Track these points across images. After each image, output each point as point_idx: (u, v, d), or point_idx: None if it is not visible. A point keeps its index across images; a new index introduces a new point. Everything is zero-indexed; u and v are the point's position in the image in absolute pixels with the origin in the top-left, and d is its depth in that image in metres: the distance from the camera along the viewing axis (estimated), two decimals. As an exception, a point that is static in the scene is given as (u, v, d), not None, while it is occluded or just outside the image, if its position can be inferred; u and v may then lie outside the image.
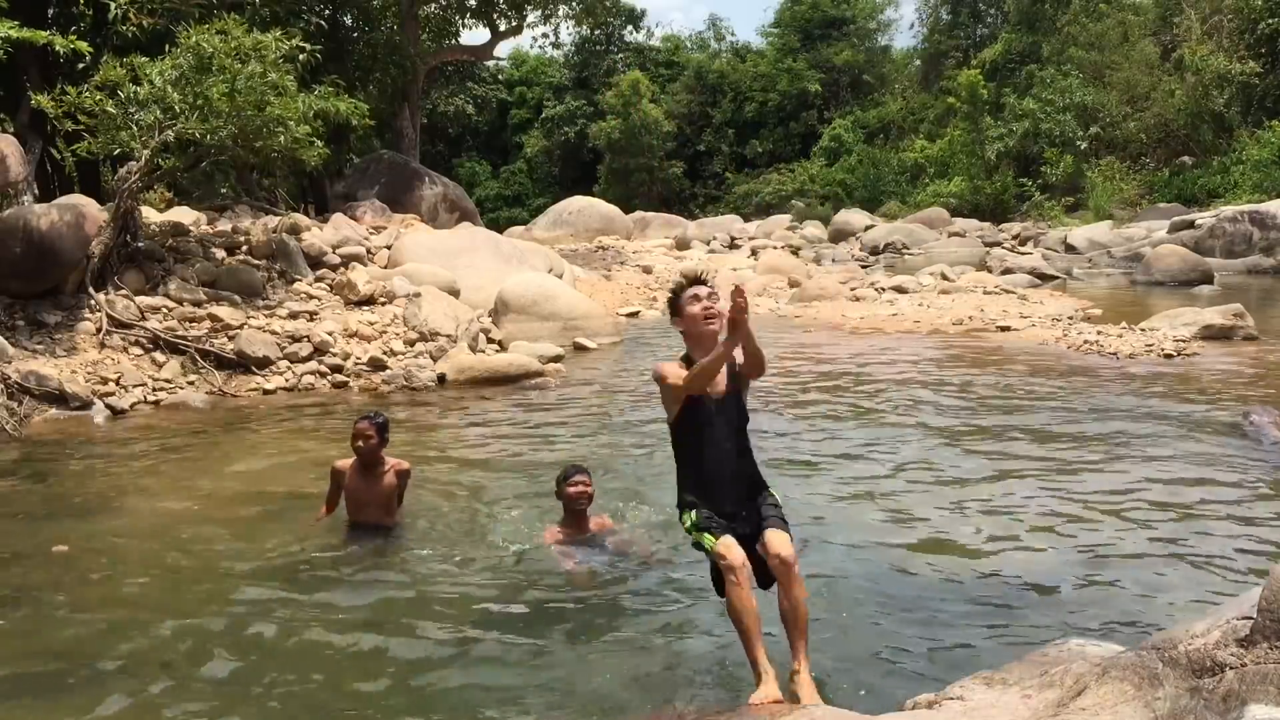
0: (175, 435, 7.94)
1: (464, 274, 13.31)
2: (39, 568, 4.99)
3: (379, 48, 23.37)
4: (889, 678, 3.71)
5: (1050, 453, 6.82)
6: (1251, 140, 26.65)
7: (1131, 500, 5.75)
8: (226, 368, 9.81)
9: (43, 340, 9.54)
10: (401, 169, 20.94)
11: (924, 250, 25.29)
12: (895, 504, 5.79)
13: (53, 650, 4.06)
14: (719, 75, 46.58)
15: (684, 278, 3.74)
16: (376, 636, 4.13)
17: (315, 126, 12.02)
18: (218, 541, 5.36)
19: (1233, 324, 11.45)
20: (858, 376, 9.90)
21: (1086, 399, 8.50)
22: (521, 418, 8.45)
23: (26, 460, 7.25)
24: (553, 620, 4.30)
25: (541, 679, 3.78)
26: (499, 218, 41.61)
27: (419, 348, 10.73)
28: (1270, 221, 19.89)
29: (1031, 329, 12.55)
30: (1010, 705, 2.65)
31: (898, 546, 5.10)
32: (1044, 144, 31.20)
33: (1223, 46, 28.86)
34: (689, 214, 39.00)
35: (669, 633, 4.18)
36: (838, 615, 4.28)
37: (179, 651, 4.02)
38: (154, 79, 10.71)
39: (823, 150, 41.50)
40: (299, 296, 11.60)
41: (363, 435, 5.27)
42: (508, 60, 50.54)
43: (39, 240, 9.80)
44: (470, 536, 5.40)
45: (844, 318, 14.18)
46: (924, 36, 44.94)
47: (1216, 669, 2.38)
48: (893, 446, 7.13)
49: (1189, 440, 7.05)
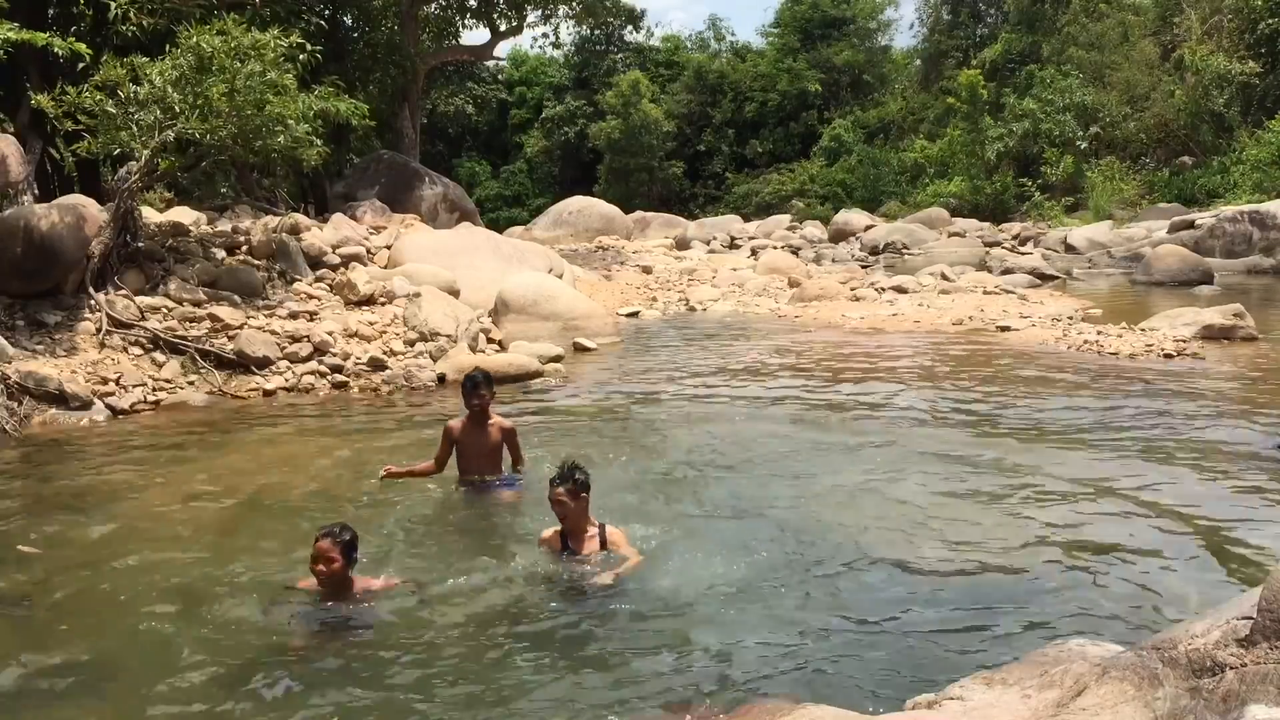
0: (175, 435, 7.94)
1: (464, 274, 13.31)
2: (39, 567, 4.99)
3: (379, 48, 23.38)
4: (889, 678, 3.71)
5: (1050, 452, 6.82)
6: (1251, 140, 26.63)
7: (1131, 500, 5.75)
8: (226, 368, 9.81)
9: (43, 340, 9.54)
10: (401, 169, 20.94)
11: (924, 250, 25.27)
12: (894, 504, 5.78)
13: (45, 651, 4.06)
14: (719, 75, 46.55)
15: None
16: (373, 637, 4.13)
17: (315, 126, 12.01)
18: (217, 542, 5.36)
19: (1233, 324, 11.44)
20: (857, 376, 9.89)
21: (1086, 399, 8.50)
22: (521, 418, 8.44)
23: (26, 460, 7.25)
24: (550, 624, 4.30)
25: (540, 682, 3.77)
26: (499, 218, 41.60)
27: (419, 348, 10.73)
28: (1270, 221, 19.88)
29: (1031, 329, 12.55)
30: (1010, 705, 2.65)
31: (897, 546, 5.10)
32: (1044, 144, 31.17)
33: (1223, 46, 28.84)
34: (689, 214, 38.98)
35: (666, 636, 4.17)
36: (838, 615, 4.28)
37: (178, 651, 4.02)
38: (154, 79, 10.71)
39: (823, 150, 41.47)
40: (299, 296, 11.60)
41: (323, 557, 4.27)
42: (508, 60, 50.53)
43: (39, 240, 9.80)
44: (469, 536, 5.40)
45: (844, 318, 14.18)
46: (924, 36, 44.89)
47: (1216, 669, 2.38)
48: (891, 446, 7.12)
49: (1189, 440, 7.04)
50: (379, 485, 6.08)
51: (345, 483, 6.48)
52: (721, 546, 5.16)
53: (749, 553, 5.07)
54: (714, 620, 4.27)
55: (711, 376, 10.08)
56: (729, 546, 5.16)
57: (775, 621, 4.23)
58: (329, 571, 4.26)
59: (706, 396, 9.14)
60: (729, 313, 15.66)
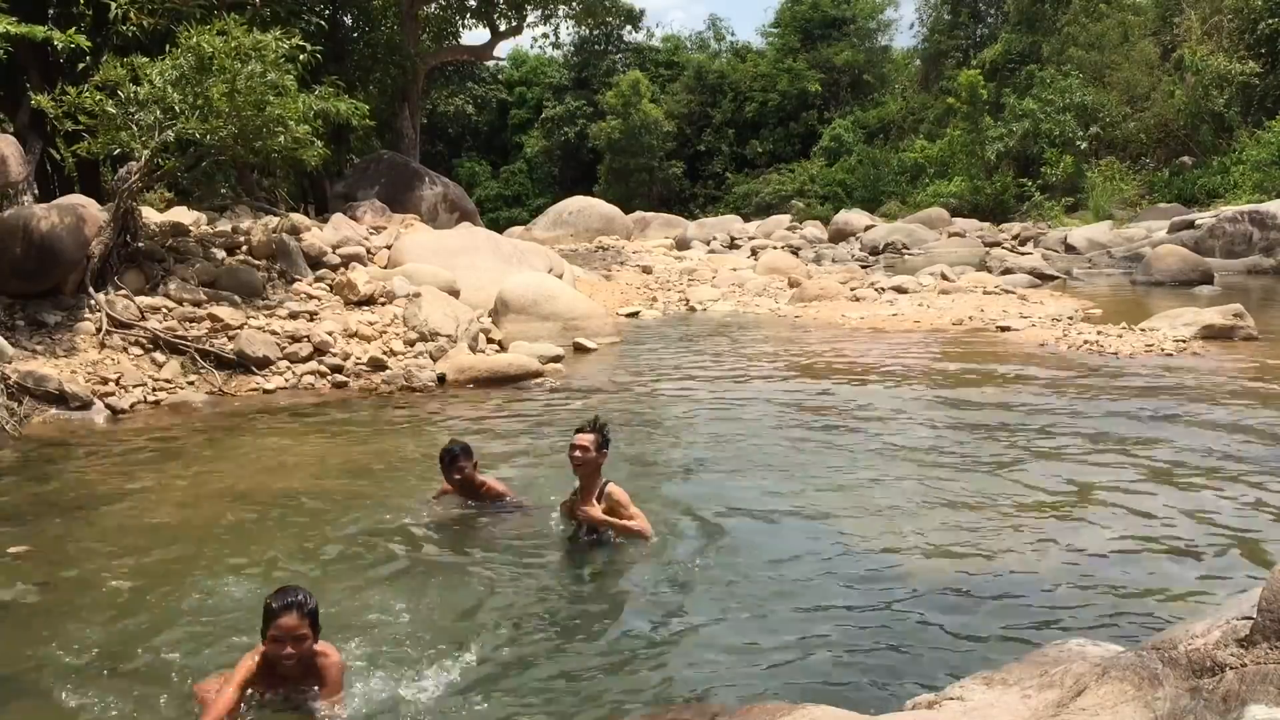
0: (175, 435, 7.94)
1: (464, 274, 13.31)
2: (35, 566, 4.99)
3: (379, 48, 23.40)
4: (889, 678, 3.71)
5: (1049, 452, 6.82)
6: (1251, 140, 26.64)
7: (1131, 500, 5.75)
8: (226, 368, 9.81)
9: (43, 340, 9.54)
10: (401, 169, 20.95)
11: (924, 250, 25.31)
12: (894, 503, 5.78)
13: (36, 651, 4.06)
14: (719, 75, 46.59)
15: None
16: (370, 637, 4.13)
17: (315, 126, 12.02)
18: (216, 542, 5.36)
19: (1233, 324, 11.44)
20: (858, 377, 9.89)
21: (1086, 399, 8.49)
22: (522, 418, 8.44)
23: (26, 460, 7.25)
24: (549, 625, 4.30)
25: (535, 682, 3.77)
26: (499, 218, 41.64)
27: (419, 348, 10.73)
28: (1270, 221, 19.88)
29: (1031, 329, 12.54)
30: (1010, 705, 2.65)
31: (897, 546, 5.10)
32: (1044, 144, 31.19)
33: (1223, 46, 28.86)
34: (689, 214, 39.02)
35: (665, 636, 4.17)
36: (839, 616, 4.28)
37: (172, 650, 4.02)
38: (154, 79, 10.71)
39: (823, 150, 41.50)
40: (299, 296, 11.61)
41: (290, 636, 3.39)
42: (508, 60, 50.61)
43: (39, 240, 9.80)
44: (467, 536, 5.40)
45: (844, 318, 14.18)
46: (924, 36, 44.94)
47: (1216, 669, 2.38)
48: (891, 446, 7.12)
49: (1189, 440, 7.04)
50: (378, 486, 6.07)
51: (345, 483, 6.47)
52: (721, 546, 5.17)
53: (748, 552, 5.07)
54: (714, 620, 4.27)
55: (711, 376, 10.08)
56: (729, 546, 5.17)
57: (775, 621, 4.23)
58: (299, 653, 3.40)
59: (706, 396, 9.14)
60: (729, 313, 15.66)
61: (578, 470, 5.03)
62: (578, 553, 5.03)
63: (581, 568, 4.91)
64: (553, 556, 5.08)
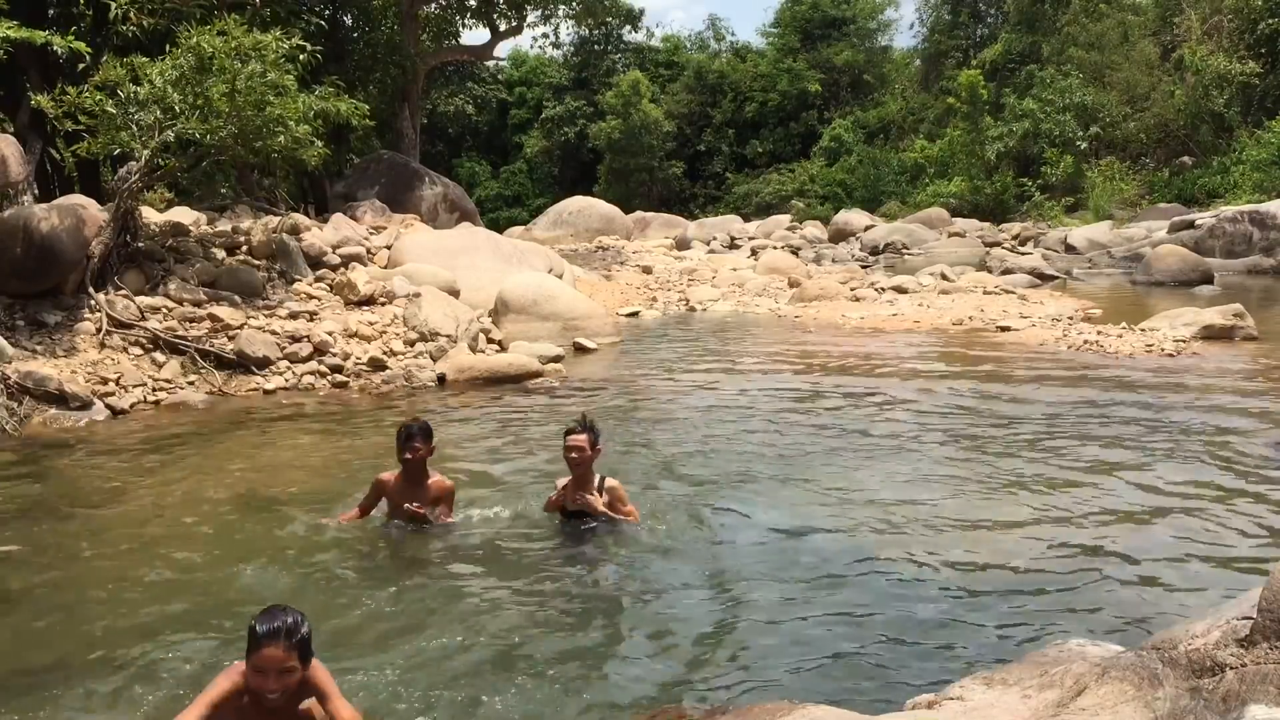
0: (175, 436, 7.94)
1: (464, 274, 13.31)
2: (35, 566, 4.99)
3: (379, 48, 23.40)
4: (889, 678, 3.71)
5: (1049, 452, 6.82)
6: (1251, 140, 26.64)
7: (1131, 500, 5.75)
8: (226, 368, 9.81)
9: (43, 340, 9.54)
10: (401, 169, 20.95)
11: (924, 250, 25.29)
12: (893, 503, 5.78)
13: (35, 651, 4.06)
14: (719, 75, 46.58)
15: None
16: (369, 638, 4.13)
17: (315, 126, 12.01)
18: (215, 542, 5.36)
19: (1233, 324, 11.44)
20: (857, 376, 9.89)
21: (1086, 399, 8.49)
22: (521, 418, 8.44)
23: (25, 460, 7.25)
24: (547, 625, 4.30)
25: (534, 682, 3.77)
26: (499, 218, 41.64)
27: (419, 348, 10.73)
28: (1270, 221, 19.88)
29: (1031, 329, 12.54)
30: (1010, 705, 2.65)
31: (897, 546, 5.10)
32: (1044, 144, 31.18)
33: (1223, 46, 28.86)
34: (689, 214, 39.01)
35: (664, 636, 4.17)
36: (839, 616, 4.28)
37: (172, 651, 4.02)
38: (154, 79, 10.71)
39: (823, 150, 41.49)
40: (299, 297, 11.60)
41: (276, 669, 2.93)
42: (508, 60, 50.59)
43: (39, 240, 9.80)
44: (466, 537, 5.39)
45: (844, 318, 14.18)
46: (924, 36, 44.97)
47: (1216, 669, 2.38)
48: (891, 446, 7.12)
49: (1189, 440, 7.04)
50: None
51: (344, 483, 6.47)
52: (720, 546, 5.17)
53: (747, 552, 5.07)
54: (713, 620, 4.27)
55: (711, 376, 10.08)
56: (728, 546, 5.17)
57: (775, 621, 4.23)
58: (282, 688, 2.95)
59: (706, 396, 9.14)
60: (729, 313, 15.66)
61: (575, 469, 5.23)
62: (573, 551, 5.03)
63: (578, 567, 4.91)
64: (547, 555, 5.08)
